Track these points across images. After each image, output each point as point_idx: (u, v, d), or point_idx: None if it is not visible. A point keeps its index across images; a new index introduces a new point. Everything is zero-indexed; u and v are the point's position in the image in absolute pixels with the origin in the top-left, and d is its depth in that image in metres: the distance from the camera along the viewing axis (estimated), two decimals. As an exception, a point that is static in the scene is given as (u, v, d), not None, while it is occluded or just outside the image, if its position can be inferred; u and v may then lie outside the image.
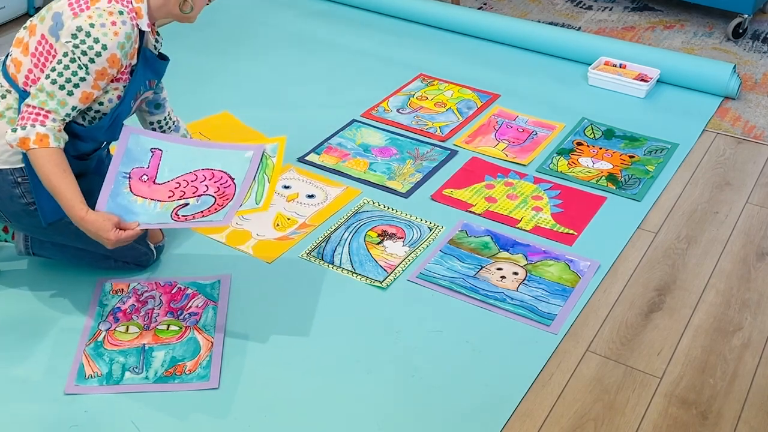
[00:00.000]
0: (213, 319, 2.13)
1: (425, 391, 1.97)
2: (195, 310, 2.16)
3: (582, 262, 2.34)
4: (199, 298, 2.20)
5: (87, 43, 1.90)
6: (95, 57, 1.90)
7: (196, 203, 2.04)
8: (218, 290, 2.22)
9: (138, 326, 2.11)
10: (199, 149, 2.13)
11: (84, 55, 1.90)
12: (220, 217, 1.99)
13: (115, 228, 1.95)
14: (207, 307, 2.17)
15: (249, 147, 2.14)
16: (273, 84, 3.26)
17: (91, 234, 1.97)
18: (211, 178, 2.08)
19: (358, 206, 2.56)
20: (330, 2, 3.92)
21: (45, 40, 1.97)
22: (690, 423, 1.92)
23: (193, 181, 2.07)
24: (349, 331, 2.13)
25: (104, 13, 1.91)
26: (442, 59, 3.44)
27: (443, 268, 2.32)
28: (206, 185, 2.07)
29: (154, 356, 2.02)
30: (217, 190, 2.06)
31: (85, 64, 1.91)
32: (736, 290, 2.30)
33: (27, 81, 1.99)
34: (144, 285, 2.23)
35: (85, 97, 1.94)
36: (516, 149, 2.86)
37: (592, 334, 2.14)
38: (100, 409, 1.89)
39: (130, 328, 2.10)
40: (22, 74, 1.99)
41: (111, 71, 1.94)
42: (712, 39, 3.67)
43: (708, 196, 2.66)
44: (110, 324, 2.11)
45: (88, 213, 1.95)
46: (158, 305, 2.17)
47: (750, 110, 3.13)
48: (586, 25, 3.80)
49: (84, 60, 1.90)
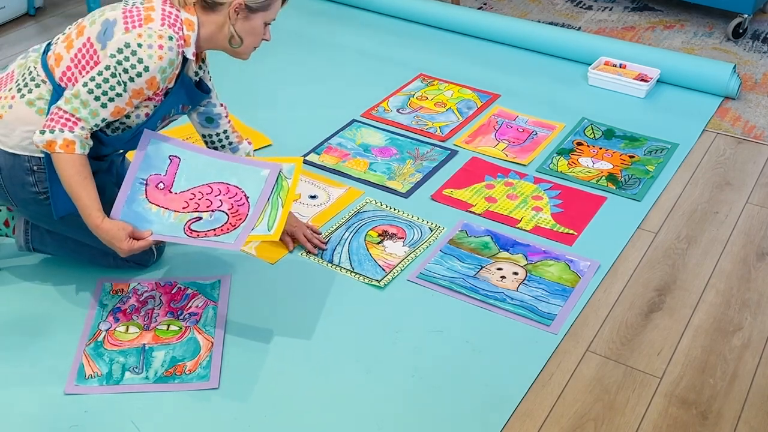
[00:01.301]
0: (213, 319, 2.13)
1: (425, 391, 1.97)
2: (195, 310, 2.16)
3: (582, 262, 2.34)
4: (199, 298, 2.20)
5: (130, 61, 1.90)
6: (135, 77, 1.91)
7: (209, 218, 2.04)
8: (218, 290, 2.22)
9: (138, 326, 2.11)
10: (217, 161, 2.13)
11: (125, 73, 1.91)
12: (231, 240, 2.01)
13: (129, 237, 1.98)
14: (207, 307, 2.17)
15: (266, 165, 2.14)
16: (273, 84, 3.26)
17: (104, 241, 2.00)
18: (226, 192, 2.09)
19: (360, 206, 2.56)
20: (330, 2, 3.92)
21: (90, 44, 1.97)
22: (690, 423, 1.92)
23: (208, 194, 2.08)
24: (349, 330, 2.13)
25: (154, 35, 1.91)
26: (442, 59, 3.44)
27: (443, 268, 2.32)
28: (221, 200, 2.07)
29: (154, 356, 2.02)
30: (230, 207, 2.06)
31: (124, 81, 1.91)
32: (736, 290, 2.30)
33: (63, 77, 1.99)
34: (144, 285, 2.23)
35: (117, 111, 1.96)
36: (516, 149, 2.86)
37: (592, 334, 2.14)
38: (101, 409, 1.89)
39: (130, 328, 2.10)
40: (60, 69, 1.99)
41: (147, 92, 1.95)
42: (712, 39, 3.67)
43: (708, 196, 2.66)
44: (110, 324, 2.11)
45: (104, 221, 1.98)
46: (158, 305, 2.17)
47: (750, 110, 3.13)
48: (586, 25, 3.80)
49: (124, 77, 1.91)
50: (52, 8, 3.93)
